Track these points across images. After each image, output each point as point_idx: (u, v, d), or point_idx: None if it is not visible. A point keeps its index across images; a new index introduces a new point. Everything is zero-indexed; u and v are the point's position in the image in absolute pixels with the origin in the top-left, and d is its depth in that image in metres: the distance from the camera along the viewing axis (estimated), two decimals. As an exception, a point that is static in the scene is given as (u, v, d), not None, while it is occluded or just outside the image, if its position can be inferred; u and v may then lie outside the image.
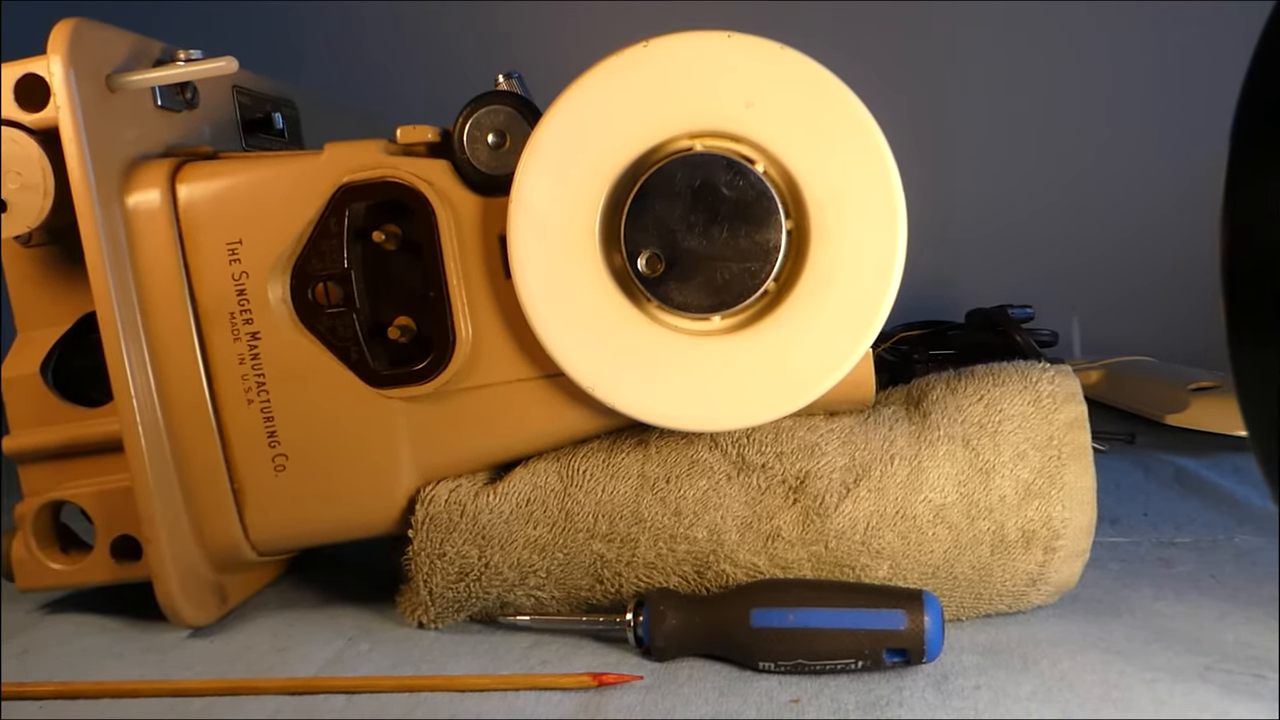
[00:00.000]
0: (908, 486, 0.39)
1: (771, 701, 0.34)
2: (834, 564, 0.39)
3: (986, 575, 0.39)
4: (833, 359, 0.37)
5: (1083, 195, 0.95)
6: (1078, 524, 0.39)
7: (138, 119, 0.42)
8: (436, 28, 0.99)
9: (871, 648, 0.35)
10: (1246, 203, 0.33)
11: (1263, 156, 0.33)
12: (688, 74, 0.36)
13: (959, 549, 0.39)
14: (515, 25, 0.98)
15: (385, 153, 0.40)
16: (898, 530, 0.38)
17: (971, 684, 0.35)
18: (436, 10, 0.98)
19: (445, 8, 0.98)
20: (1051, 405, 0.40)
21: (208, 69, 0.41)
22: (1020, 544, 0.39)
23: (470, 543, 0.40)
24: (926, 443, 0.39)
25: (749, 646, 0.36)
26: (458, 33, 0.98)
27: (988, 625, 0.40)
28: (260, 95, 0.52)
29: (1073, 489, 0.39)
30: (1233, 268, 0.34)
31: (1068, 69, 0.94)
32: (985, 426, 0.39)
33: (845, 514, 0.38)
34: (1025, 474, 0.39)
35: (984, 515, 0.39)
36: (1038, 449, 0.39)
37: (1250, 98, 0.34)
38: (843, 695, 0.35)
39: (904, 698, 0.34)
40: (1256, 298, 0.33)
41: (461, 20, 0.98)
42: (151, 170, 0.40)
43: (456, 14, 0.98)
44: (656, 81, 0.36)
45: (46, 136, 0.39)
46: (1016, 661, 0.37)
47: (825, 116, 0.36)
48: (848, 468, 0.39)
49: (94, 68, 0.39)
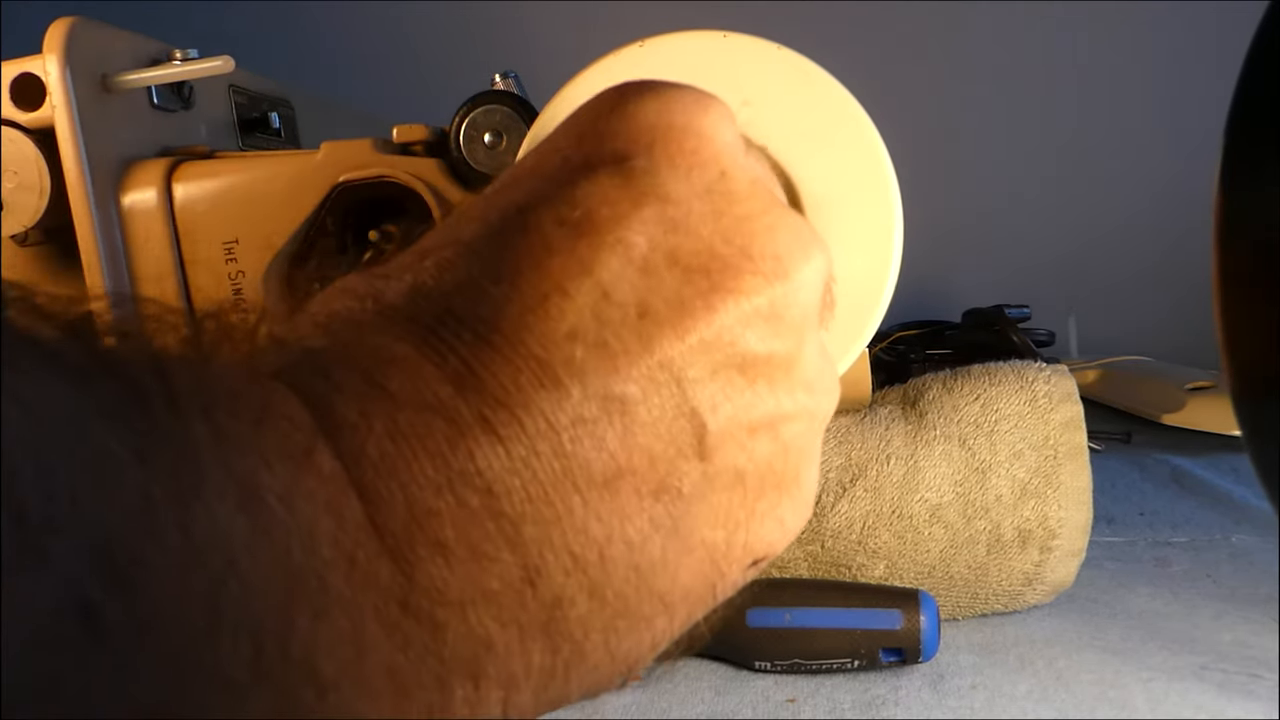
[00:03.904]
0: (904, 486, 0.39)
1: (768, 701, 0.34)
2: (830, 563, 0.39)
3: (983, 575, 0.39)
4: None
5: (1079, 195, 0.95)
6: (1074, 523, 0.39)
7: (134, 118, 0.41)
8: (434, 27, 0.99)
9: (868, 647, 0.35)
10: (1241, 202, 0.33)
11: (1257, 155, 0.33)
12: (683, 73, 0.36)
13: (955, 548, 0.39)
14: (512, 25, 0.98)
15: (382, 152, 0.40)
16: (894, 530, 0.38)
17: (968, 683, 0.35)
18: (435, 10, 0.98)
19: (444, 8, 0.98)
20: (1048, 405, 0.40)
21: (204, 68, 0.41)
22: (1016, 543, 0.39)
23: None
24: (923, 442, 0.39)
25: (745, 646, 0.36)
26: (455, 33, 0.98)
27: (984, 625, 0.40)
28: (257, 95, 0.52)
29: (1069, 488, 0.39)
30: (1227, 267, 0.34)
31: (1063, 68, 0.94)
32: (981, 426, 0.40)
33: (841, 513, 0.38)
34: (1021, 473, 0.39)
35: (980, 515, 0.39)
36: (1034, 448, 0.39)
37: (1245, 96, 0.34)
38: (839, 695, 0.35)
39: (900, 697, 0.34)
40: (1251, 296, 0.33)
41: (459, 20, 0.98)
42: (147, 170, 0.40)
43: (455, 14, 0.98)
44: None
45: (43, 136, 0.39)
46: (1013, 661, 0.37)
47: (821, 116, 0.36)
48: (844, 467, 0.39)
49: (90, 67, 0.39)
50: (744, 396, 0.18)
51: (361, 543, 0.14)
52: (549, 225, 0.17)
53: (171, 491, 0.11)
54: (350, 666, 0.13)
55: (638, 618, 0.17)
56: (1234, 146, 0.34)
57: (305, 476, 0.13)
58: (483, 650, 0.15)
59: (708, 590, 0.18)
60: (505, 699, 0.15)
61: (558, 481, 0.15)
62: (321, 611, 0.12)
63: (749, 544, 0.19)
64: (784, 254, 0.18)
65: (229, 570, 0.11)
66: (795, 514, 0.20)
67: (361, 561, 0.13)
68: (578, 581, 0.16)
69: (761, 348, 0.18)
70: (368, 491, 0.14)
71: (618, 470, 0.16)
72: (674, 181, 0.18)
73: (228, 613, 0.11)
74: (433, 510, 0.14)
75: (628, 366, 0.16)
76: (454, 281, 0.17)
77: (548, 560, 0.15)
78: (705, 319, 0.17)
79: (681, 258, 0.17)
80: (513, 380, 0.15)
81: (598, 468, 0.16)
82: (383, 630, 0.13)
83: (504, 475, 0.15)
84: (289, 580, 0.12)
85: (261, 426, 0.13)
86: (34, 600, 0.10)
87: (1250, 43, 0.34)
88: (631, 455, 0.16)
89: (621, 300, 0.16)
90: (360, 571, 0.13)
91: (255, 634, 0.12)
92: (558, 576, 0.15)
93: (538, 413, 0.15)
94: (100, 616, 0.10)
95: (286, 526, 0.12)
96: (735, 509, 0.18)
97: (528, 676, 0.15)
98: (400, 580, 0.14)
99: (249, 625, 0.12)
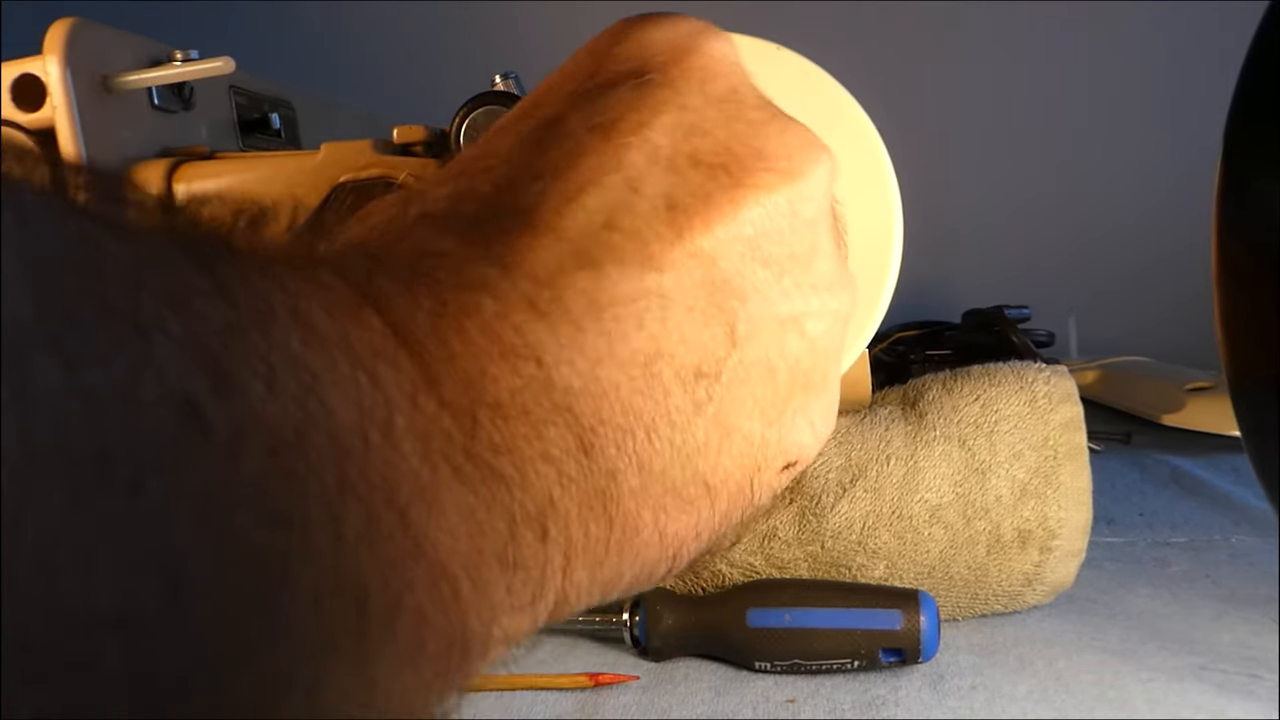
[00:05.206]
0: (904, 486, 0.39)
1: (768, 701, 0.34)
2: (830, 564, 0.39)
3: (982, 575, 0.39)
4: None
5: (1079, 195, 0.95)
6: (1074, 524, 0.39)
7: (134, 119, 0.41)
8: (433, 28, 0.99)
9: (867, 647, 0.35)
10: (1240, 203, 0.33)
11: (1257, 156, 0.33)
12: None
13: (955, 549, 0.39)
14: (512, 25, 0.98)
15: (382, 152, 0.40)
16: (894, 530, 0.38)
17: (967, 684, 0.35)
18: (434, 11, 0.98)
19: (444, 8, 0.98)
20: (1047, 405, 0.40)
21: (204, 69, 0.41)
22: (1016, 544, 0.39)
23: (467, 543, 0.40)
24: (923, 443, 0.39)
25: (745, 646, 0.36)
26: (455, 33, 0.98)
27: (984, 625, 0.40)
28: (257, 95, 0.52)
29: (1068, 489, 0.39)
30: (1226, 267, 0.34)
31: (1064, 68, 0.94)
32: (981, 426, 0.40)
33: (841, 514, 0.38)
34: (1021, 474, 0.39)
35: (980, 515, 0.39)
36: (1034, 449, 0.39)
37: (1245, 96, 0.34)
38: (839, 695, 0.35)
39: (900, 698, 0.34)
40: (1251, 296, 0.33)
41: (459, 21, 0.98)
42: (148, 170, 0.40)
43: (454, 14, 0.98)
44: (653, 82, 0.36)
45: (43, 136, 0.39)
46: (1012, 661, 0.37)
47: (821, 116, 0.36)
48: (844, 468, 0.39)
49: (90, 68, 0.39)
50: (770, 290, 0.19)
51: (421, 389, 0.14)
52: (580, 130, 0.18)
53: (251, 319, 0.12)
54: (425, 493, 0.13)
55: (684, 499, 0.18)
56: (1234, 147, 0.34)
57: (359, 330, 0.14)
58: (547, 506, 0.15)
59: (746, 482, 0.19)
60: (566, 567, 0.16)
61: (602, 359, 0.16)
62: (393, 441, 0.13)
63: (783, 443, 0.20)
64: (795, 155, 0.19)
65: (307, 394, 0.12)
66: (823, 418, 0.21)
67: (424, 407, 0.14)
68: (628, 456, 0.17)
69: (782, 244, 0.19)
70: (419, 353, 0.14)
71: (657, 351, 0.17)
72: (690, 93, 0.19)
73: (310, 434, 0.12)
74: (487, 374, 0.15)
75: (660, 254, 0.17)
76: (492, 183, 0.18)
77: (599, 434, 0.16)
78: (730, 211, 0.18)
79: (702, 158, 0.18)
80: (556, 263, 0.16)
81: (638, 347, 0.17)
82: (451, 470, 0.14)
83: (553, 349, 0.16)
84: (360, 412, 0.13)
85: (310, 284, 0.14)
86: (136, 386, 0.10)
87: (1250, 43, 0.34)
88: (669, 337, 0.17)
89: (650, 194, 0.18)
90: (423, 416, 0.14)
91: (336, 454, 0.12)
92: (609, 449, 0.16)
93: (580, 293, 0.16)
94: (204, 415, 0.11)
95: (350, 364, 0.13)
96: (768, 403, 0.19)
97: (586, 548, 0.16)
98: (462, 433, 0.14)
99: (330, 447, 0.12)
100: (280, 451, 0.11)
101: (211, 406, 0.11)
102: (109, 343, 0.10)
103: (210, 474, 0.11)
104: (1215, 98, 0.36)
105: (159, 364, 0.10)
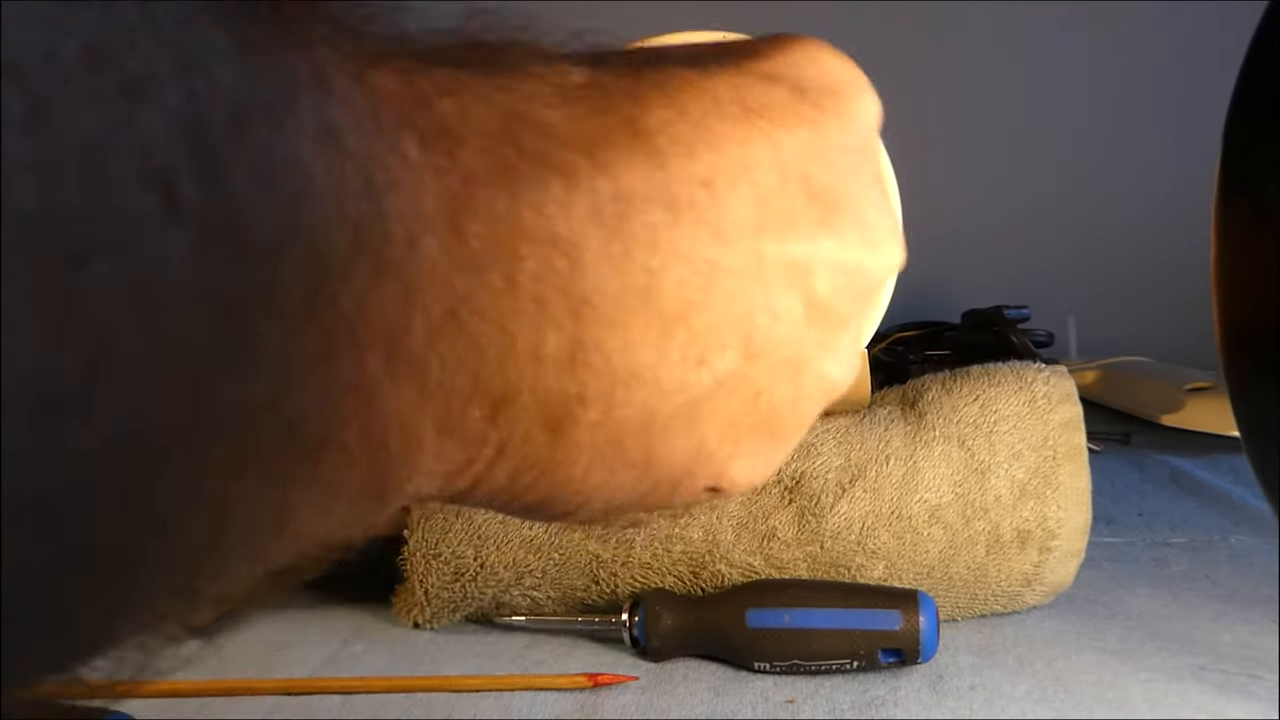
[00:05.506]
0: (903, 487, 0.39)
1: (767, 702, 0.34)
2: (829, 564, 0.39)
3: (982, 575, 0.39)
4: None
5: (1079, 195, 0.95)
6: (1073, 524, 0.39)
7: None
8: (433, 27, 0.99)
9: (867, 648, 0.35)
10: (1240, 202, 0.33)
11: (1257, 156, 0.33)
12: (683, 74, 0.36)
13: (954, 549, 0.39)
14: (512, 25, 0.97)
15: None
16: (893, 530, 0.38)
17: (967, 684, 0.35)
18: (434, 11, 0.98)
19: (444, 8, 0.98)
20: (1047, 406, 0.40)
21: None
22: (1015, 544, 0.39)
23: (466, 543, 0.40)
24: (922, 443, 0.39)
25: (744, 647, 0.36)
26: (454, 33, 0.98)
27: (983, 625, 0.40)
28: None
29: (1068, 489, 0.39)
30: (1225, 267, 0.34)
31: (1064, 68, 0.94)
32: (980, 427, 0.40)
33: (841, 514, 0.38)
34: (1020, 474, 0.39)
35: (979, 515, 0.39)
36: (1033, 449, 0.39)
37: (1245, 96, 0.34)
38: (838, 695, 0.35)
39: (899, 698, 0.34)
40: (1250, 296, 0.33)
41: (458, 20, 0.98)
42: None
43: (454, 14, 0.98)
44: (652, 81, 0.36)
45: None
46: (1012, 662, 0.37)
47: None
48: (843, 468, 0.39)
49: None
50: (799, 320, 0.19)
51: (441, 230, 0.14)
52: (727, 99, 0.18)
53: (261, 104, 0.11)
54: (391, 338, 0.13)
55: (624, 460, 0.18)
56: (1234, 146, 0.34)
57: (390, 155, 0.13)
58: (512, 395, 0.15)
59: (677, 480, 0.19)
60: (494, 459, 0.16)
61: (633, 298, 0.16)
62: (379, 279, 0.13)
63: (726, 467, 0.20)
64: (883, 241, 0.20)
65: (298, 202, 0.11)
66: (765, 469, 0.21)
67: (426, 248, 0.14)
68: (606, 396, 0.17)
69: (831, 282, 0.19)
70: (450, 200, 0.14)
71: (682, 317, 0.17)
72: (831, 128, 0.20)
73: (289, 246, 0.11)
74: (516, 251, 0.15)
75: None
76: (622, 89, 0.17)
77: (593, 361, 0.16)
78: (807, 238, 0.19)
79: (811, 184, 0.19)
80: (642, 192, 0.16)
81: (669, 306, 0.17)
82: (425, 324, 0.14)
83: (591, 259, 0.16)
84: (353, 233, 0.12)
85: (359, 84, 0.13)
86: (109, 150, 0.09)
87: (1250, 43, 0.34)
88: (707, 308, 0.17)
89: (761, 180, 0.18)
90: (425, 258, 0.14)
91: (313, 273, 0.12)
92: (597, 380, 0.16)
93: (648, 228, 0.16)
94: (178, 193, 0.10)
95: (360, 182, 0.12)
96: (739, 422, 0.19)
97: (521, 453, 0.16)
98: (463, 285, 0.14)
99: (307, 263, 0.12)
100: (249, 254, 0.11)
101: (188, 190, 0.10)
102: (84, 94, 0.09)
103: (164, 261, 0.10)
104: (1215, 98, 0.36)
105: (142, 132, 0.10)
